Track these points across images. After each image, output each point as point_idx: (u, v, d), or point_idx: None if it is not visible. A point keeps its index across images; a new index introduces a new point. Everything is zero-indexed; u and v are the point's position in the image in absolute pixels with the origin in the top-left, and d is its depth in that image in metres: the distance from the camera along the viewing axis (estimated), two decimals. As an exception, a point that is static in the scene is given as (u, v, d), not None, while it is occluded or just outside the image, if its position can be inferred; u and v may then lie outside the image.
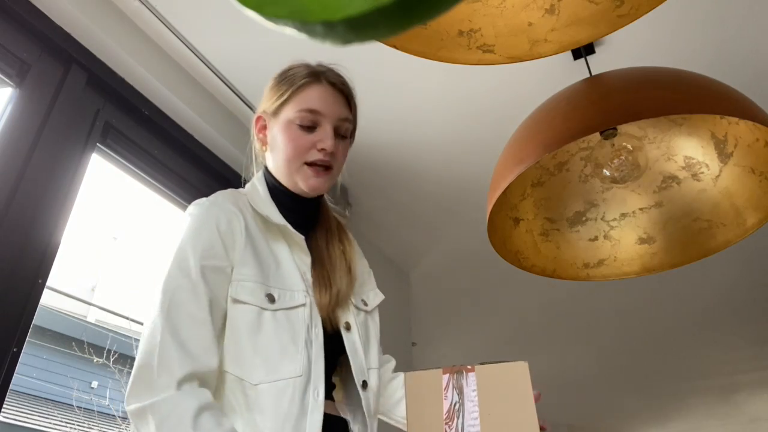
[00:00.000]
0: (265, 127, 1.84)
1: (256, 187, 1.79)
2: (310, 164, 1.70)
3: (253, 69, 3.31)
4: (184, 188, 3.30)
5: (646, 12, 1.97)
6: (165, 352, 1.42)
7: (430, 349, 7.40)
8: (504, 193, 2.29)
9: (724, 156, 2.36)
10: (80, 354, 7.09)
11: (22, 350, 2.24)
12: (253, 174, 1.92)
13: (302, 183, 1.71)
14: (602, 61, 3.22)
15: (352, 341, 1.65)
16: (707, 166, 2.43)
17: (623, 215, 2.65)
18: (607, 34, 2.10)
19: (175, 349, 1.42)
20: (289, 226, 1.67)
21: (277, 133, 1.76)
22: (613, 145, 2.39)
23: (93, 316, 8.04)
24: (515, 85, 3.45)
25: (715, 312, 6.67)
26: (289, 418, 1.42)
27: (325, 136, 1.70)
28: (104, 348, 7.01)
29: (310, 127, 1.71)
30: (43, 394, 7.16)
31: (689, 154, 2.46)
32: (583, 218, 2.67)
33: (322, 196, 1.85)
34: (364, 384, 1.61)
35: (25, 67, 2.53)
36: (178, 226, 1.64)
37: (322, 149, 1.69)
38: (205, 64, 3.22)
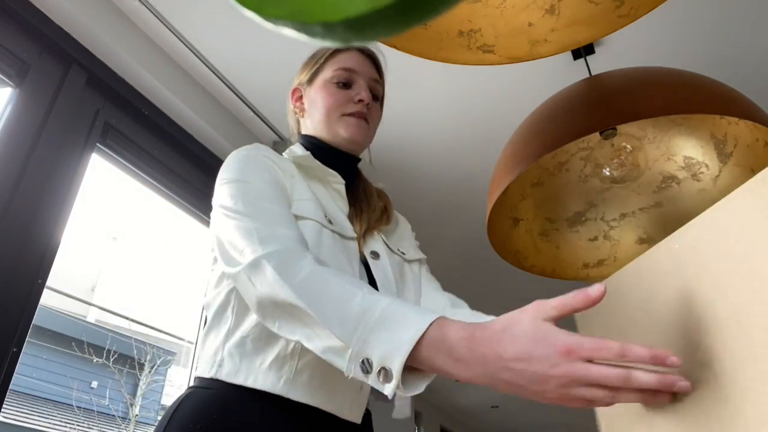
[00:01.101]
0: (301, 97, 1.89)
1: (292, 149, 1.80)
2: (349, 115, 1.75)
3: (252, 69, 3.31)
4: (184, 188, 3.30)
5: (646, 12, 1.97)
6: (264, 218, 1.41)
7: (429, 349, 7.40)
8: (504, 193, 2.29)
9: (723, 156, 2.36)
10: (80, 354, 7.10)
11: (22, 350, 2.24)
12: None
13: (343, 131, 1.74)
14: (602, 62, 3.23)
15: (382, 267, 1.62)
16: (707, 166, 2.43)
17: (623, 215, 2.65)
18: (607, 35, 2.10)
19: (272, 215, 1.43)
20: (330, 170, 1.71)
21: (314, 94, 1.81)
22: (613, 145, 2.39)
23: (93, 316, 8.04)
24: (515, 85, 3.45)
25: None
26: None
27: (360, 89, 1.76)
28: (104, 348, 7.02)
29: (346, 84, 1.78)
30: (43, 394, 7.16)
31: (689, 154, 2.46)
32: (583, 218, 2.67)
33: (358, 161, 1.89)
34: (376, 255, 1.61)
35: (25, 67, 2.53)
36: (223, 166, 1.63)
37: (360, 100, 1.74)
38: (204, 64, 3.23)
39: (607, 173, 2.42)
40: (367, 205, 1.79)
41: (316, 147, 1.78)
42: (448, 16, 2.04)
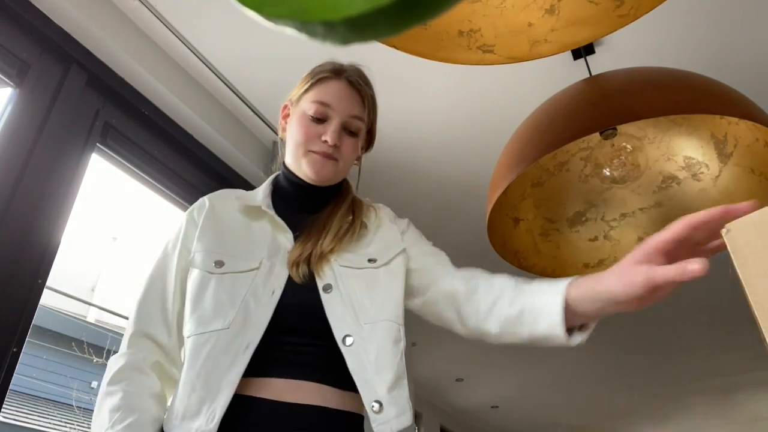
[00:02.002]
0: (288, 115, 1.93)
1: (266, 182, 1.92)
2: (315, 152, 1.77)
3: (252, 69, 3.31)
4: (184, 188, 3.30)
5: (646, 12, 1.97)
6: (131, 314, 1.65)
7: (430, 349, 7.41)
8: (504, 193, 2.29)
9: (723, 156, 2.36)
10: (80, 354, 7.09)
11: (22, 350, 2.24)
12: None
13: (307, 167, 1.78)
14: (602, 62, 3.23)
15: (332, 302, 1.62)
16: (707, 166, 2.43)
17: (623, 215, 2.65)
18: (607, 34, 2.10)
19: (134, 311, 1.65)
20: (262, 206, 1.77)
21: (292, 120, 1.86)
22: (613, 145, 2.39)
23: (93, 316, 8.03)
24: (515, 85, 3.45)
25: (716, 312, 6.68)
26: (203, 369, 1.47)
27: (329, 129, 1.76)
28: (104, 348, 7.00)
29: (320, 119, 1.79)
30: (43, 394, 7.16)
31: (689, 154, 2.46)
32: (583, 218, 2.67)
33: (339, 186, 1.92)
34: (345, 340, 1.57)
35: (25, 67, 2.53)
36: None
37: (325, 141, 1.75)
38: (204, 64, 3.23)
39: (608, 173, 2.42)
40: (318, 231, 1.78)
41: (285, 176, 1.88)
42: (448, 16, 2.04)
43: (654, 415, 11.40)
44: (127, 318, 1.68)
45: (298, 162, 1.81)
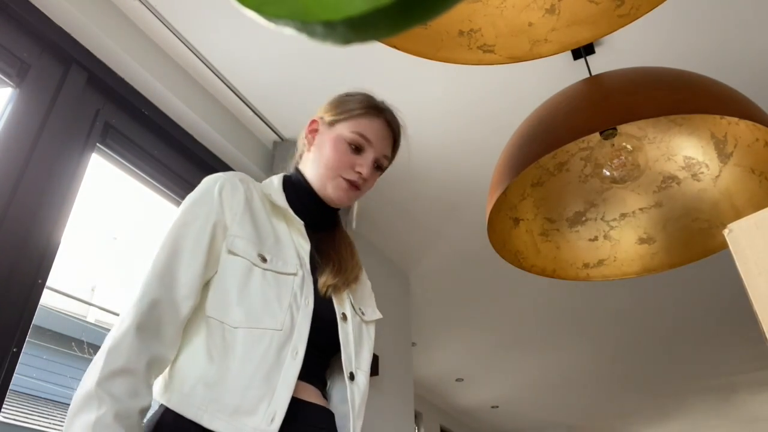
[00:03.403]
0: (316, 131, 1.97)
1: (271, 180, 1.94)
2: (344, 179, 1.83)
3: (253, 69, 3.31)
4: (184, 188, 3.30)
5: (647, 12, 1.97)
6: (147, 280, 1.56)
7: (429, 349, 7.42)
8: (504, 193, 2.29)
9: (723, 156, 2.36)
10: (80, 354, 7.08)
11: (22, 350, 2.24)
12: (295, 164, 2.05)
13: (332, 191, 1.84)
14: (602, 61, 3.23)
15: (346, 332, 1.71)
16: (707, 166, 2.43)
17: (623, 215, 2.65)
18: (607, 34, 2.10)
19: (157, 278, 1.56)
20: (290, 210, 1.79)
21: (327, 140, 1.90)
22: (613, 145, 2.39)
23: (93, 316, 8.02)
24: (515, 85, 3.45)
25: (714, 312, 6.68)
26: (262, 366, 1.49)
27: (365, 163, 1.84)
28: (104, 348, 7.00)
29: (356, 149, 1.86)
30: (43, 394, 7.15)
31: (689, 154, 2.45)
32: (583, 218, 2.67)
33: (337, 212, 1.98)
34: (352, 376, 1.67)
35: (25, 67, 2.53)
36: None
37: (359, 173, 1.83)
38: (204, 64, 3.23)
39: (608, 173, 2.42)
40: (340, 255, 1.88)
41: (301, 186, 1.91)
42: (448, 16, 2.03)
43: (654, 415, 11.41)
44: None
45: (323, 182, 1.86)
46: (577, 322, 6.90)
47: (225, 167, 3.56)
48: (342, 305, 1.76)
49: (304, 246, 1.77)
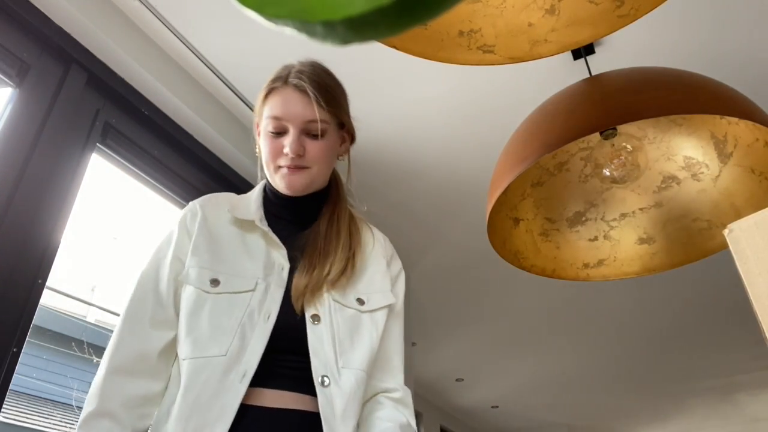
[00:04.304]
0: (259, 134, 1.90)
1: (253, 190, 1.91)
2: (283, 167, 1.77)
3: (252, 69, 3.31)
4: (184, 188, 3.30)
5: (647, 12, 1.97)
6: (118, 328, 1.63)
7: (430, 349, 7.42)
8: (504, 193, 2.29)
9: (723, 156, 2.36)
10: (80, 354, 7.08)
11: (22, 350, 2.24)
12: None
13: (280, 183, 1.78)
14: (602, 62, 3.23)
15: (317, 334, 1.62)
16: (707, 166, 2.43)
17: (623, 215, 2.65)
18: (607, 35, 2.10)
19: (120, 326, 1.64)
20: (256, 222, 1.76)
21: (260, 139, 1.85)
22: (613, 145, 2.39)
23: (93, 316, 8.02)
24: (515, 85, 3.45)
25: (716, 312, 6.68)
26: (202, 396, 1.48)
27: (288, 141, 1.74)
28: (104, 348, 7.01)
29: (279, 133, 1.77)
30: (43, 395, 7.15)
31: (689, 154, 2.46)
32: (583, 218, 2.67)
33: (327, 192, 1.91)
34: (323, 380, 1.57)
35: (25, 67, 2.53)
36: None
37: (286, 154, 1.74)
38: (204, 63, 3.23)
39: (608, 173, 2.42)
40: (320, 254, 1.77)
41: (269, 190, 1.88)
42: (448, 16, 2.03)
43: (654, 415, 11.41)
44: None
45: (272, 178, 1.82)
46: (577, 322, 6.90)
47: (225, 167, 3.56)
48: (314, 305, 1.67)
49: (282, 252, 1.73)
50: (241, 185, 3.68)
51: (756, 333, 7.00)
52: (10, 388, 2.17)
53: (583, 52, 2.84)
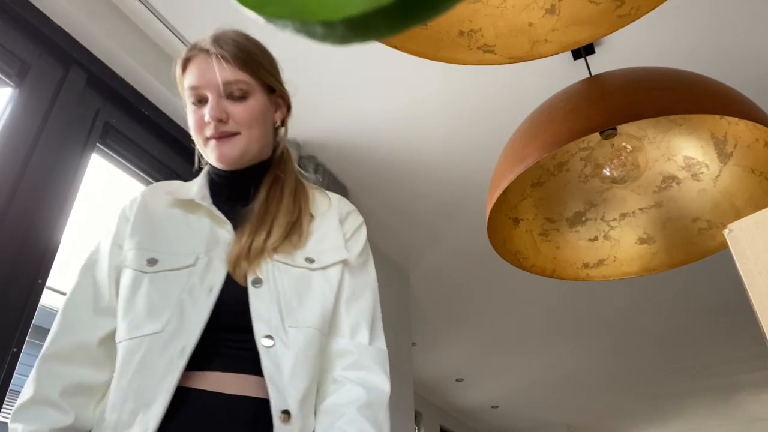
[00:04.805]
0: None
1: (200, 173, 1.82)
2: (210, 138, 1.67)
3: (253, 69, 3.31)
4: (184, 188, 3.30)
5: (647, 12, 1.97)
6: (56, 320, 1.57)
7: (430, 350, 7.42)
8: (504, 193, 2.29)
9: (723, 156, 2.36)
10: (80, 354, 7.10)
11: (22, 350, 2.24)
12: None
13: (212, 156, 1.68)
14: (602, 62, 3.23)
15: (259, 297, 1.52)
16: (707, 166, 2.43)
17: (623, 215, 2.65)
18: (607, 35, 2.10)
19: (60, 314, 1.58)
20: (195, 199, 1.67)
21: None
22: (613, 145, 2.39)
23: (93, 316, 8.04)
24: (515, 85, 3.45)
25: (716, 312, 6.68)
26: (137, 376, 1.41)
27: (207, 109, 1.65)
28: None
29: (200, 102, 1.68)
30: (43, 394, 7.16)
31: (689, 154, 2.46)
32: (583, 218, 2.67)
33: (268, 164, 1.80)
34: (267, 341, 1.46)
35: (25, 67, 2.53)
36: None
37: (208, 121, 1.64)
38: (205, 64, 3.23)
39: (608, 173, 2.42)
40: (256, 222, 1.66)
41: (213, 172, 1.77)
42: (448, 16, 2.04)
43: (654, 416, 11.41)
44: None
45: (205, 155, 1.72)
46: (577, 322, 6.90)
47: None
48: (255, 270, 1.57)
49: (227, 227, 1.64)
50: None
51: (756, 333, 7.01)
52: (10, 388, 2.17)
53: (583, 52, 2.84)
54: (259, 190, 1.73)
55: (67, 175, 2.59)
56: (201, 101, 1.67)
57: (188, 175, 3.28)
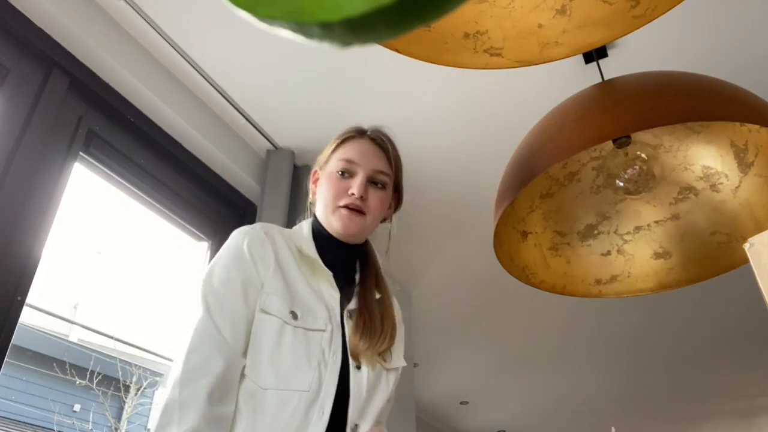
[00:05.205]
0: (317, 179, 2.08)
1: (301, 227, 2.04)
2: (343, 207, 1.92)
3: (245, 74, 3.31)
4: (172, 199, 3.29)
5: (664, 12, 1.97)
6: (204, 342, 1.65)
7: (432, 370, 7.40)
8: (511, 205, 2.28)
9: (744, 166, 2.36)
10: (62, 375, 7.07)
11: (0, 371, 2.23)
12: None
13: (336, 223, 1.93)
14: (615, 65, 3.22)
15: (359, 380, 1.76)
16: (726, 176, 2.42)
17: (637, 228, 2.65)
18: (621, 37, 2.10)
19: (214, 341, 1.66)
20: (318, 260, 1.88)
21: (322, 181, 2.02)
22: (627, 154, 2.38)
23: (75, 335, 8.00)
24: (523, 90, 3.45)
25: (735, 331, 6.67)
26: (289, 427, 1.58)
27: (356, 183, 1.92)
28: (87, 369, 6.99)
29: (347, 175, 1.95)
30: (23, 418, 7.13)
31: (707, 163, 2.45)
32: (595, 231, 2.66)
33: (366, 247, 2.10)
34: (355, 428, 1.70)
35: (3, 72, 2.53)
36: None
37: (352, 194, 1.91)
38: (194, 68, 3.22)
39: (621, 184, 2.42)
40: (375, 314, 1.93)
41: (319, 233, 1.99)
42: (453, 17, 2.04)
43: (671, 440, 11.39)
44: (111, 336, 1.71)
45: (328, 219, 1.95)
46: (588, 341, 6.88)
47: (216, 177, 3.56)
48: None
49: (334, 296, 1.86)
50: (233, 196, 3.68)
51: (779, 353, 6.99)
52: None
53: (596, 55, 2.84)
54: (366, 277, 2.04)
55: (48, 186, 2.58)
56: (348, 174, 1.96)
57: (176, 185, 3.28)
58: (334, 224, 1.93)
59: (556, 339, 6.79)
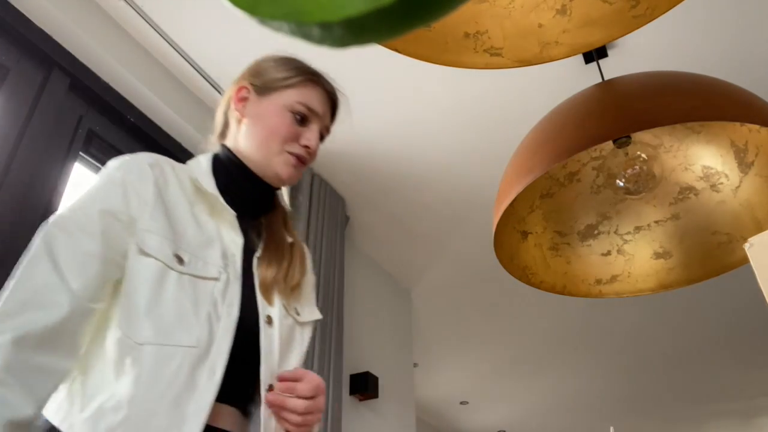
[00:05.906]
0: (246, 99, 1.84)
1: (198, 160, 1.80)
2: (291, 153, 1.75)
3: (245, 73, 3.31)
4: (172, 199, 3.29)
5: (664, 12, 1.97)
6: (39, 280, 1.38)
7: (432, 370, 7.39)
8: (511, 205, 2.28)
9: (744, 166, 2.36)
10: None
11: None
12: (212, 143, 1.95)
13: (279, 168, 1.74)
14: (615, 65, 3.23)
15: (270, 338, 1.56)
16: (727, 176, 2.42)
17: (638, 228, 2.65)
18: (621, 36, 2.10)
19: (54, 277, 1.38)
20: (219, 197, 1.65)
21: (265, 111, 1.79)
22: (627, 154, 2.39)
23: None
24: (523, 90, 3.45)
25: (735, 331, 6.67)
26: (171, 390, 1.34)
27: (312, 136, 1.78)
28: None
29: (301, 121, 1.78)
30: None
31: (707, 163, 2.45)
32: (595, 231, 2.66)
33: (277, 190, 1.88)
34: (270, 389, 1.50)
35: (3, 72, 2.53)
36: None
37: (306, 146, 1.76)
38: (194, 68, 3.22)
39: (621, 184, 2.42)
40: (282, 251, 1.77)
41: (234, 165, 1.76)
42: (453, 17, 2.04)
43: (671, 441, 11.39)
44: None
45: (267, 157, 1.74)
46: (588, 341, 6.89)
47: (215, 177, 3.56)
48: (269, 308, 1.61)
49: (236, 240, 1.63)
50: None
51: (779, 353, 6.99)
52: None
53: (596, 55, 2.84)
54: (272, 216, 1.85)
55: (48, 186, 2.58)
56: (302, 120, 1.79)
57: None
58: (276, 168, 1.73)
59: (557, 339, 6.79)
